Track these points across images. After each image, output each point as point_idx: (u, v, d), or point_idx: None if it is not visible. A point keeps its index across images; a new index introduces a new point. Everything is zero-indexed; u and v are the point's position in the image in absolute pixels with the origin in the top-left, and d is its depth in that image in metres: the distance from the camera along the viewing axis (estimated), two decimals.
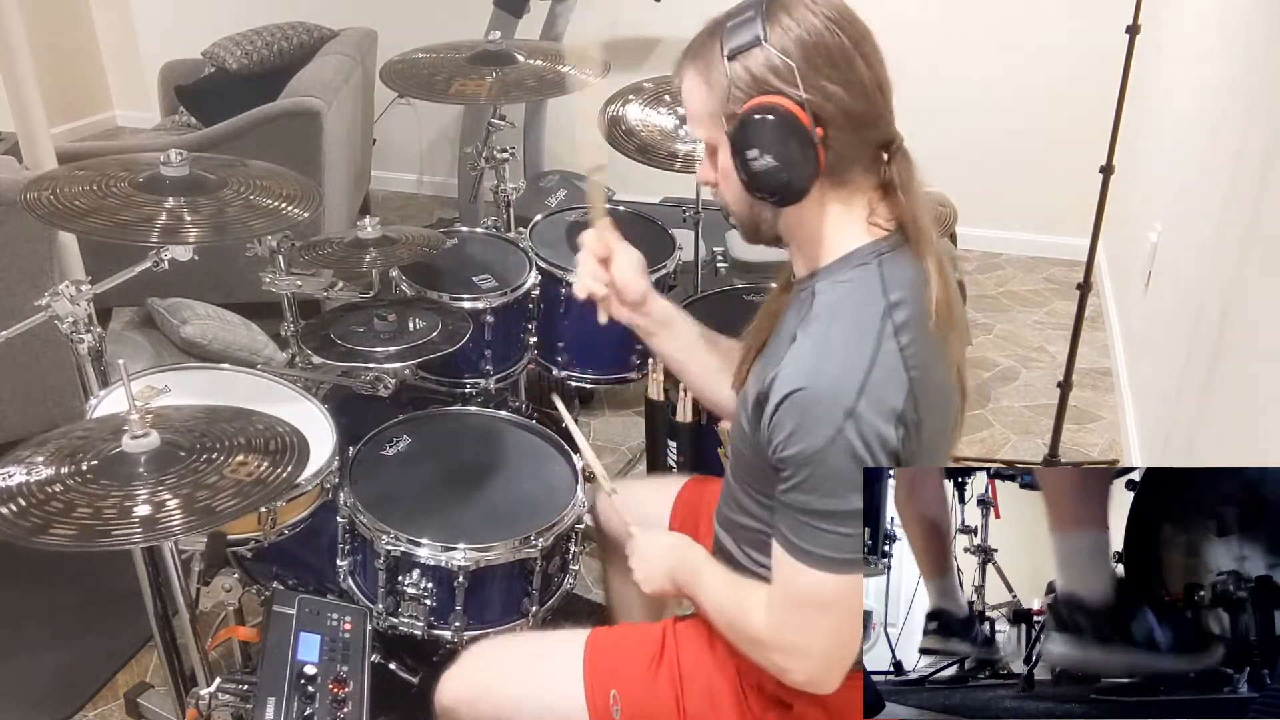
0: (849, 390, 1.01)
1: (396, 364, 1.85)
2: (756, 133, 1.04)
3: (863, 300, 1.08)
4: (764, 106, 1.04)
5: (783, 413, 1.05)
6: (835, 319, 1.08)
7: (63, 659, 2.07)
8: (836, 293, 1.10)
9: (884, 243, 1.11)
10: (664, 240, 2.34)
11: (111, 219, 1.49)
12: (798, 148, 1.04)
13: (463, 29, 2.93)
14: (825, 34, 1.04)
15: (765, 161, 1.05)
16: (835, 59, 1.04)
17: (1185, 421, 2.20)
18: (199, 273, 1.60)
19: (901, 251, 1.11)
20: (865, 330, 1.05)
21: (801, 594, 1.09)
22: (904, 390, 1.03)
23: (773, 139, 1.04)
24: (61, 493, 1.15)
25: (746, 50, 1.05)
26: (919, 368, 1.05)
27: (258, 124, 2.99)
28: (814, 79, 1.04)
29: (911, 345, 1.05)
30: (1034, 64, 3.75)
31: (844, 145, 1.06)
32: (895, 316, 1.06)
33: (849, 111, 1.05)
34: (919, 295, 1.09)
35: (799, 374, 1.04)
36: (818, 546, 1.05)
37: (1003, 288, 3.83)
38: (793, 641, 1.12)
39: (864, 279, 1.09)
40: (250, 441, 1.27)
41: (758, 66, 1.05)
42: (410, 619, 1.61)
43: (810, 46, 1.04)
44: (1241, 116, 2.17)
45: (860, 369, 1.02)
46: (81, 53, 4.99)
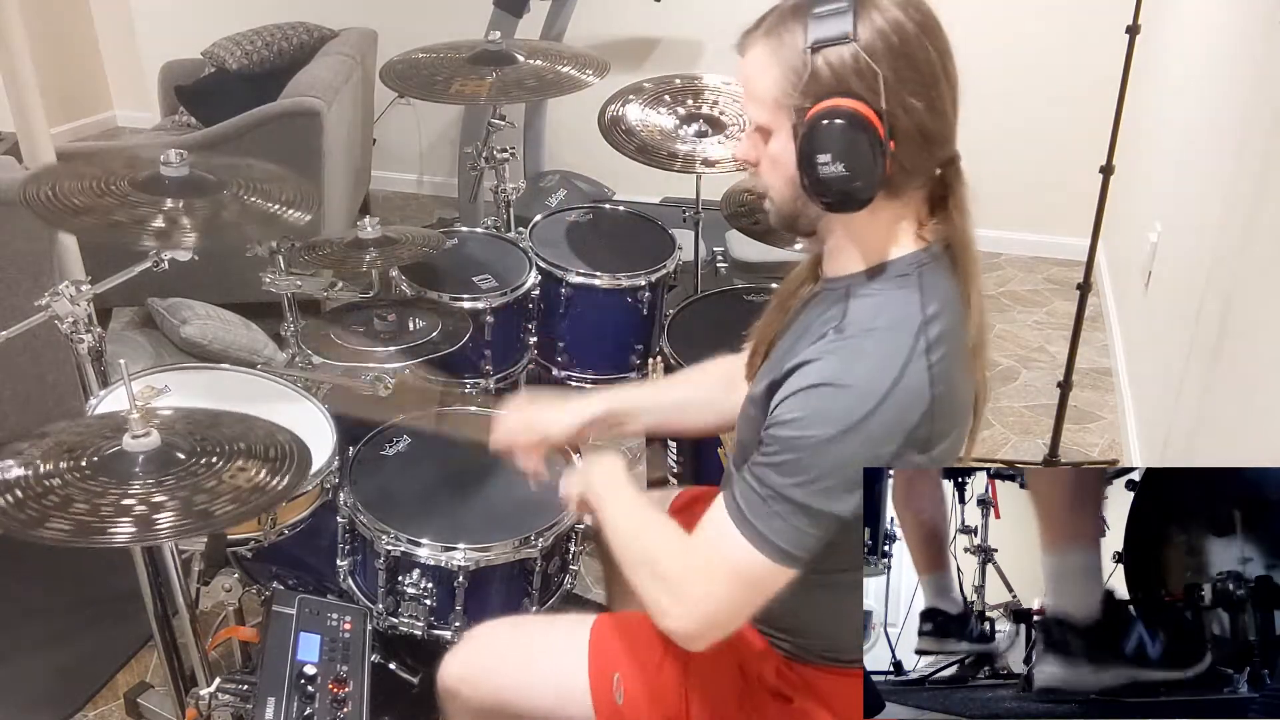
0: (863, 407, 1.00)
1: (396, 364, 1.85)
2: (830, 137, 1.00)
3: (900, 312, 1.05)
4: (843, 112, 0.99)
5: (796, 399, 1.03)
6: (870, 330, 1.05)
7: (63, 659, 2.07)
8: (874, 301, 1.07)
9: (925, 253, 1.09)
10: (664, 240, 2.34)
11: (110, 219, 1.49)
12: (869, 159, 1.00)
13: (463, 29, 2.93)
14: (915, 45, 1.00)
15: (835, 169, 1.00)
16: (922, 73, 1.01)
17: (1185, 421, 2.20)
18: (199, 273, 1.60)
19: (940, 264, 1.09)
20: (898, 344, 1.03)
21: (727, 562, 1.07)
22: (923, 410, 1.02)
23: (846, 147, 0.99)
24: (59, 487, 1.15)
25: (833, 45, 1.00)
26: (944, 383, 1.03)
27: (258, 124, 2.98)
28: (898, 90, 0.99)
29: (941, 362, 1.03)
30: (1034, 64, 3.75)
31: (911, 160, 1.03)
32: (929, 332, 1.04)
33: (924, 128, 1.02)
34: (954, 310, 1.08)
35: (824, 371, 1.02)
36: (769, 530, 1.04)
37: (1003, 288, 3.83)
38: (691, 592, 1.09)
39: (903, 290, 1.07)
40: (251, 448, 1.27)
41: (842, 65, 0.99)
42: (410, 619, 1.61)
43: (900, 55, 0.99)
44: (1241, 116, 2.17)
45: (883, 384, 1.01)
46: (81, 53, 4.99)
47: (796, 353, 1.07)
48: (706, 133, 2.34)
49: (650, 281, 2.17)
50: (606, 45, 4.06)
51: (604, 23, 4.04)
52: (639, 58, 4.12)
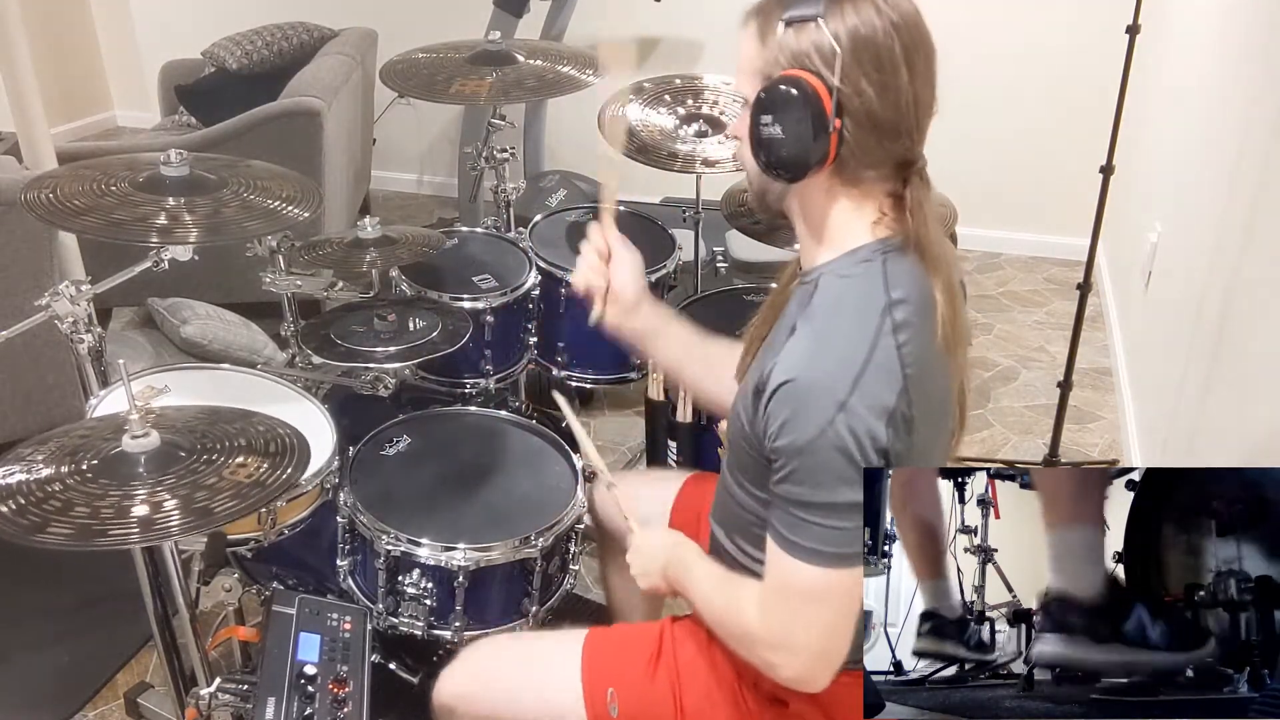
0: (842, 383, 1.02)
1: (396, 364, 1.85)
2: (777, 102, 1.05)
3: (864, 295, 1.08)
4: (793, 79, 1.04)
5: (777, 402, 1.05)
6: (835, 312, 1.08)
7: (63, 659, 2.07)
8: (838, 286, 1.10)
9: (890, 241, 1.11)
10: (664, 240, 2.34)
11: (110, 218, 1.49)
12: (809, 129, 1.04)
13: (463, 29, 2.93)
14: (880, 35, 1.04)
15: (773, 131, 1.06)
16: (881, 61, 1.04)
17: (1185, 421, 2.20)
18: (199, 273, 1.60)
19: (905, 257, 1.11)
20: (864, 325, 1.05)
21: (792, 587, 1.09)
22: (898, 388, 1.03)
23: (789, 112, 1.04)
24: (60, 491, 1.15)
25: (802, 22, 1.05)
26: (915, 365, 1.05)
27: (258, 124, 2.98)
28: (853, 72, 1.03)
29: (909, 344, 1.05)
30: (1034, 64, 3.75)
31: (860, 145, 1.06)
32: (895, 314, 1.06)
33: (874, 114, 1.05)
34: (922, 303, 1.09)
35: (795, 365, 1.05)
36: (807, 539, 1.05)
37: (1003, 288, 3.83)
38: (782, 636, 1.12)
39: (867, 274, 1.09)
40: (251, 443, 1.27)
41: (805, 41, 1.05)
42: (410, 619, 1.61)
43: (861, 40, 1.03)
44: (1241, 116, 2.17)
45: (856, 363, 1.03)
46: (81, 53, 4.99)
47: (774, 351, 1.10)
48: (706, 133, 2.34)
49: (650, 281, 2.17)
50: (606, 45, 4.05)
51: (604, 23, 4.04)
52: (639, 58, 4.11)
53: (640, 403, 2.26)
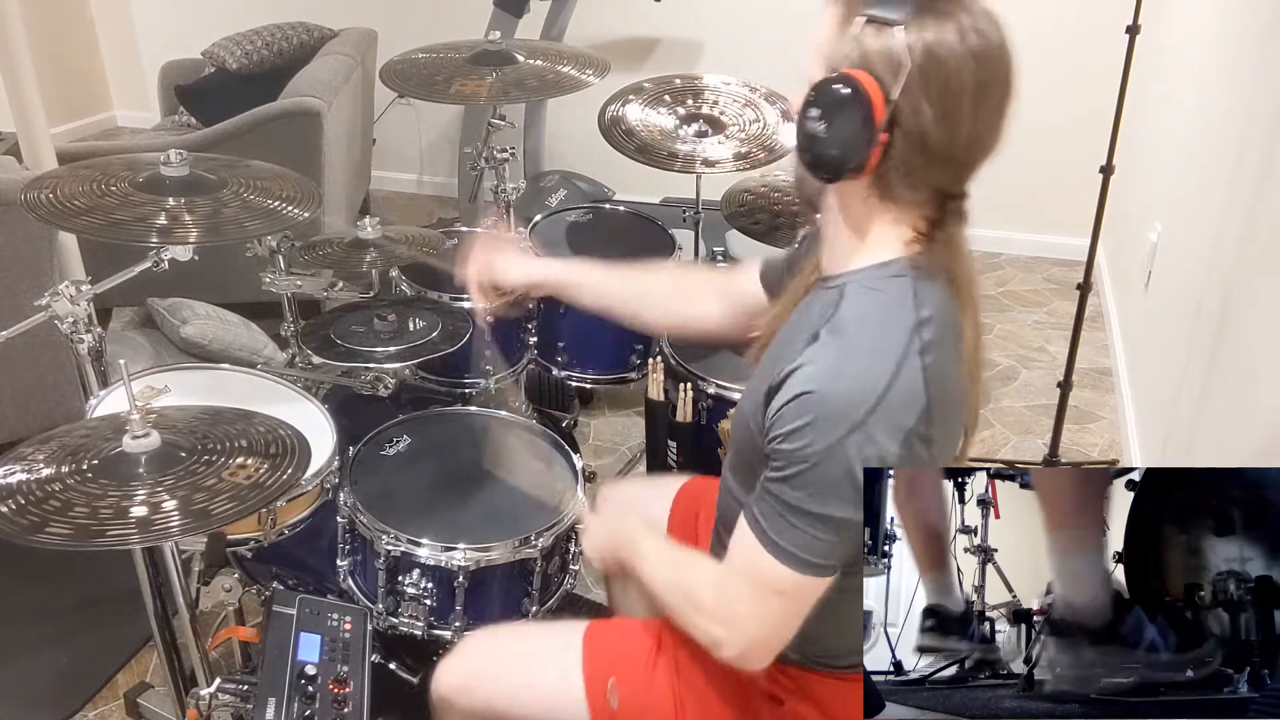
0: (863, 403, 1.00)
1: (396, 364, 1.85)
2: (830, 98, 1.01)
3: (893, 312, 1.05)
4: (852, 80, 1.00)
5: (792, 408, 1.03)
6: (863, 326, 1.05)
7: (63, 659, 2.07)
8: (867, 299, 1.07)
9: (921, 258, 1.09)
10: (664, 240, 2.34)
11: (110, 218, 1.49)
12: (855, 134, 1.00)
13: (463, 29, 2.93)
14: (955, 59, 1.00)
15: (818, 126, 1.02)
16: (948, 86, 1.00)
17: (1185, 421, 2.20)
18: (199, 273, 1.60)
19: (936, 279, 1.09)
20: (892, 343, 1.03)
21: (760, 578, 1.08)
22: (919, 409, 1.01)
23: (838, 112, 1.00)
24: (60, 491, 1.15)
25: (882, 25, 1.01)
26: (938, 386, 1.03)
27: (258, 124, 2.98)
28: (916, 89, 0.99)
29: (935, 365, 1.03)
30: (1034, 64, 3.73)
31: (905, 163, 1.03)
32: (924, 334, 1.04)
33: (927, 137, 1.01)
34: (950, 325, 1.08)
35: (817, 376, 1.02)
36: (789, 543, 1.05)
37: (1003, 288, 3.83)
38: (733, 616, 1.11)
39: (898, 290, 1.06)
40: (251, 444, 1.27)
41: (880, 43, 1.00)
42: (410, 619, 1.61)
43: (934, 60, 0.99)
44: (1241, 116, 2.17)
45: (879, 384, 1.00)
46: (81, 53, 4.99)
47: (791, 353, 1.07)
48: (706, 133, 2.34)
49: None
50: (606, 45, 4.06)
51: (604, 23, 4.04)
52: (639, 58, 4.12)
53: (640, 403, 2.26)
